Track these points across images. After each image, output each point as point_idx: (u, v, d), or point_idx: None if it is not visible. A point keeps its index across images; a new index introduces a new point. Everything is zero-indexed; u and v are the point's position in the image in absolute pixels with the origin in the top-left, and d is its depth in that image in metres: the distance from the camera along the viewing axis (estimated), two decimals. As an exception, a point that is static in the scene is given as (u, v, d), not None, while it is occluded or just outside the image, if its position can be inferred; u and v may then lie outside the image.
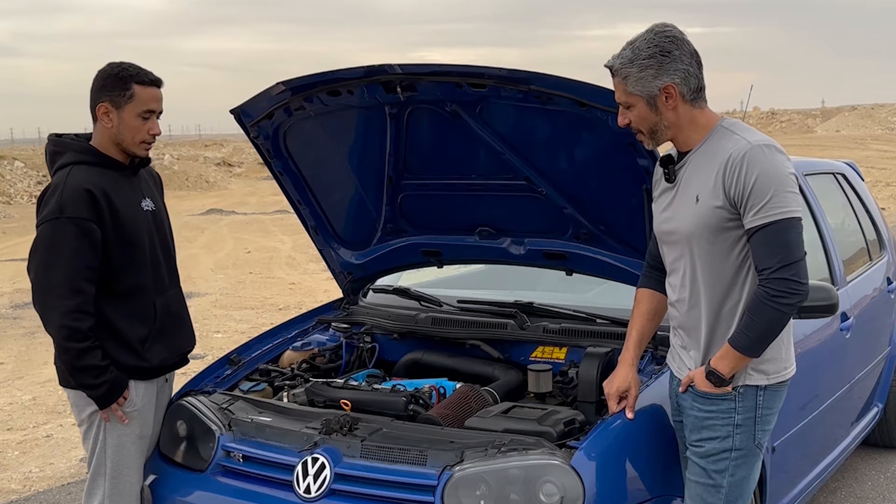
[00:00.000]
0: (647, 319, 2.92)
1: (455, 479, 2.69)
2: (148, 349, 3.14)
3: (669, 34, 2.59)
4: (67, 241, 2.94)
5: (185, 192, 32.45)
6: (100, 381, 3.00)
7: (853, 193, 5.06)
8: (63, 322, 2.94)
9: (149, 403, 3.20)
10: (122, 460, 3.13)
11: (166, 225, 3.31)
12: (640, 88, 2.59)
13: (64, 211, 2.94)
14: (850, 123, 52.33)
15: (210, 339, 8.51)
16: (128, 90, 3.04)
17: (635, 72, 2.58)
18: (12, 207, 26.39)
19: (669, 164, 2.71)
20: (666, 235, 2.75)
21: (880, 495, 4.65)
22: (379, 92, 3.18)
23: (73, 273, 2.94)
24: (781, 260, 2.48)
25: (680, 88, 2.58)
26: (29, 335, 8.96)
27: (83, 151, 3.09)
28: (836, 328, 4.03)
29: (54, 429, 6.05)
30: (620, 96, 2.65)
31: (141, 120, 3.06)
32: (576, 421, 2.91)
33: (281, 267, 13.72)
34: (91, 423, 3.13)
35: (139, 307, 3.13)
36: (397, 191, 3.61)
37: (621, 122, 2.69)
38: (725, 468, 2.66)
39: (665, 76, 2.57)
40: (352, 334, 3.87)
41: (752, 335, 2.55)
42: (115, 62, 3.11)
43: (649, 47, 2.57)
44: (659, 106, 2.60)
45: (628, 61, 2.59)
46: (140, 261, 3.11)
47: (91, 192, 2.96)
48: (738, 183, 2.51)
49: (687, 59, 2.59)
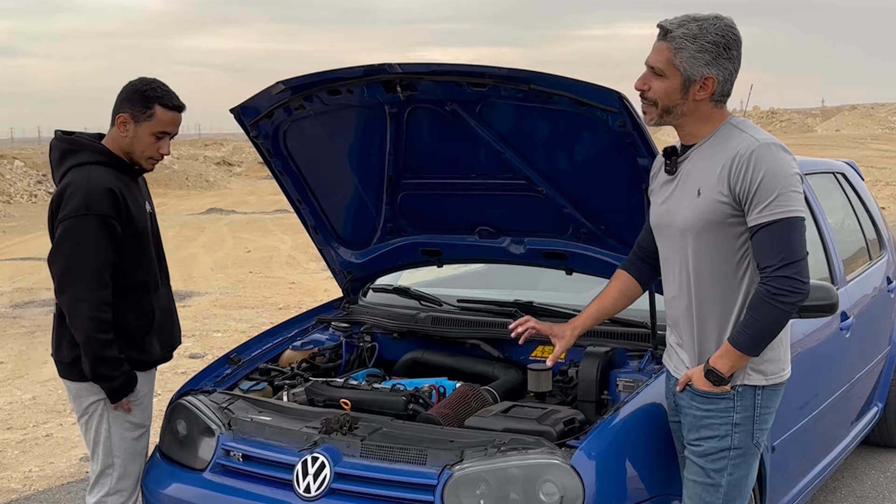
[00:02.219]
0: (613, 298, 2.96)
1: (455, 478, 2.70)
2: (148, 343, 3.28)
3: (737, 34, 2.57)
4: (93, 236, 3.07)
5: (185, 192, 32.46)
6: (117, 373, 3.13)
7: (853, 193, 5.06)
8: (92, 313, 3.06)
9: (148, 394, 3.34)
10: (129, 448, 3.26)
11: (157, 225, 3.45)
12: (686, 66, 2.54)
13: (91, 208, 3.06)
14: (850, 123, 52.31)
15: (210, 338, 8.51)
16: (149, 109, 3.17)
17: (693, 49, 2.53)
18: (12, 207, 26.38)
19: (672, 156, 2.70)
20: (662, 228, 2.74)
21: (880, 495, 4.65)
22: (379, 91, 3.18)
23: (100, 267, 3.08)
24: (784, 258, 2.48)
25: (717, 87, 2.57)
26: (29, 334, 8.96)
27: (100, 152, 3.21)
28: (835, 328, 4.02)
29: (54, 428, 6.05)
30: (660, 62, 2.57)
31: (155, 139, 3.21)
32: (576, 420, 2.91)
33: (281, 266, 13.72)
34: (92, 413, 3.23)
35: (143, 303, 3.26)
36: (397, 190, 3.61)
37: (638, 85, 2.63)
38: (724, 467, 2.66)
39: (714, 68, 2.55)
40: (351, 334, 3.87)
41: (751, 333, 2.54)
42: (147, 78, 3.22)
43: (717, 34, 2.53)
44: (691, 92, 2.57)
45: (692, 36, 2.53)
46: (146, 260, 3.27)
47: (113, 190, 3.11)
48: (744, 180, 2.51)
49: (737, 64, 2.59)
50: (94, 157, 3.17)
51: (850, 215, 4.97)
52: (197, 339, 8.29)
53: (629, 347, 3.30)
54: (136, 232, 3.19)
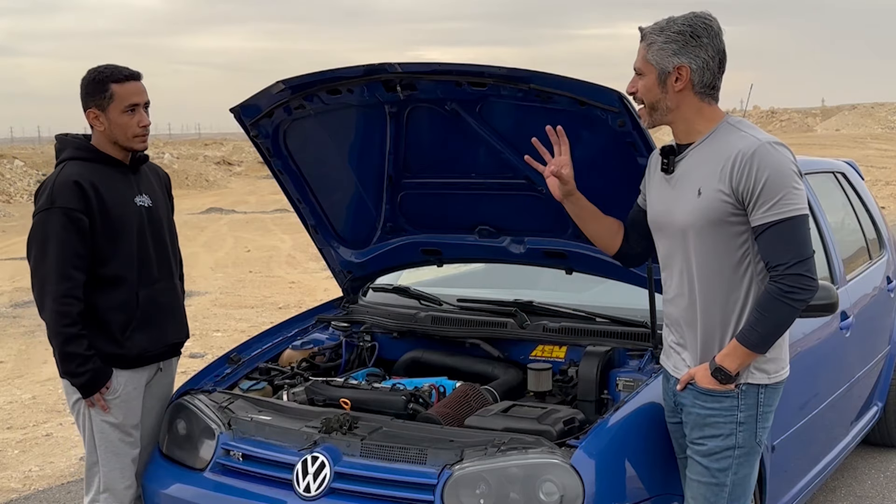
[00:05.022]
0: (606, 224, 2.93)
1: (455, 477, 2.70)
2: (128, 338, 3.22)
3: (708, 22, 2.59)
4: (57, 230, 3.08)
5: (185, 191, 32.42)
6: (83, 369, 3.11)
7: (853, 192, 5.06)
8: (54, 307, 3.07)
9: (133, 392, 3.27)
10: (108, 446, 3.23)
11: (164, 221, 3.39)
12: (657, 59, 2.58)
13: (55, 202, 3.08)
14: (850, 122, 52.26)
15: (210, 337, 8.51)
16: (107, 91, 3.17)
17: (660, 41, 2.58)
18: (12, 206, 26.38)
19: (670, 155, 2.71)
20: (662, 227, 2.74)
21: (880, 494, 4.65)
22: (379, 91, 3.18)
23: (62, 260, 3.08)
24: (794, 256, 2.49)
25: (693, 76, 2.58)
26: (29, 334, 8.96)
27: (80, 148, 3.23)
28: (835, 327, 4.02)
29: (54, 427, 6.05)
30: (638, 61, 2.64)
31: (127, 115, 3.19)
32: (575, 420, 2.91)
33: (281, 266, 13.72)
34: (78, 410, 3.25)
35: (122, 297, 3.22)
36: (397, 189, 3.61)
37: (629, 89, 2.69)
38: (728, 466, 2.65)
39: (684, 56, 2.57)
40: (351, 333, 3.87)
41: (761, 331, 2.55)
42: (93, 67, 3.23)
43: (684, 24, 2.57)
44: (667, 84, 2.59)
45: (659, 29, 2.59)
46: (125, 252, 3.21)
47: (79, 183, 3.11)
48: (747, 179, 2.51)
49: (712, 51, 2.59)
50: (73, 153, 3.21)
51: (850, 215, 4.97)
52: (197, 339, 8.28)
53: (629, 347, 3.30)
54: (113, 224, 3.15)
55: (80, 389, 3.16)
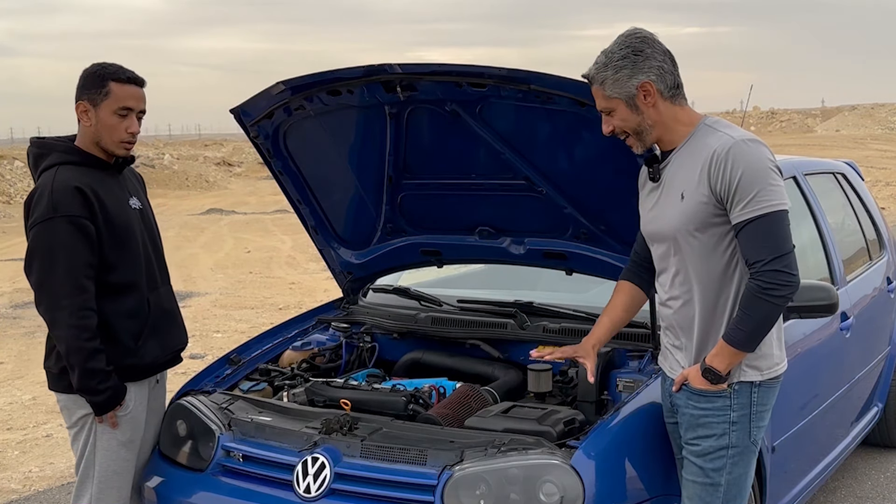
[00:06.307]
0: (621, 310, 2.94)
1: (455, 478, 2.70)
2: (142, 346, 3.12)
3: (639, 35, 2.62)
4: (64, 239, 2.93)
5: (185, 192, 32.44)
6: (104, 386, 2.98)
7: (853, 193, 5.06)
8: (72, 322, 2.92)
9: (140, 406, 3.18)
10: (111, 465, 3.11)
11: (153, 223, 3.31)
12: (617, 90, 2.61)
13: (57, 210, 2.94)
14: (850, 123, 52.29)
15: (210, 338, 8.51)
16: (104, 87, 3.03)
17: (611, 74, 2.60)
18: (12, 207, 26.37)
19: (654, 164, 2.73)
20: (652, 235, 2.77)
21: (880, 495, 4.65)
22: (379, 91, 3.18)
23: (74, 271, 2.93)
24: (772, 252, 2.49)
25: (657, 85, 2.60)
26: (29, 335, 8.96)
27: (67, 152, 3.08)
28: (835, 328, 4.02)
29: (54, 428, 6.05)
30: (601, 103, 2.67)
31: (118, 118, 3.04)
32: (575, 420, 2.91)
33: (281, 266, 13.72)
34: (82, 426, 3.10)
35: (133, 304, 3.10)
36: (397, 190, 3.61)
37: (605, 130, 2.70)
38: (723, 466, 2.66)
39: (641, 74, 2.59)
40: (352, 334, 3.87)
41: (746, 329, 2.55)
42: (97, 62, 3.10)
43: (621, 49, 2.60)
44: (639, 105, 2.61)
45: (603, 66, 2.62)
46: (133, 257, 3.10)
47: (81, 189, 2.96)
48: (723, 178, 2.52)
49: (660, 56, 2.61)
50: (63, 157, 3.05)
51: (850, 215, 4.97)
52: (197, 340, 8.28)
53: (629, 348, 3.30)
54: (117, 229, 3.03)
55: (96, 407, 3.01)
